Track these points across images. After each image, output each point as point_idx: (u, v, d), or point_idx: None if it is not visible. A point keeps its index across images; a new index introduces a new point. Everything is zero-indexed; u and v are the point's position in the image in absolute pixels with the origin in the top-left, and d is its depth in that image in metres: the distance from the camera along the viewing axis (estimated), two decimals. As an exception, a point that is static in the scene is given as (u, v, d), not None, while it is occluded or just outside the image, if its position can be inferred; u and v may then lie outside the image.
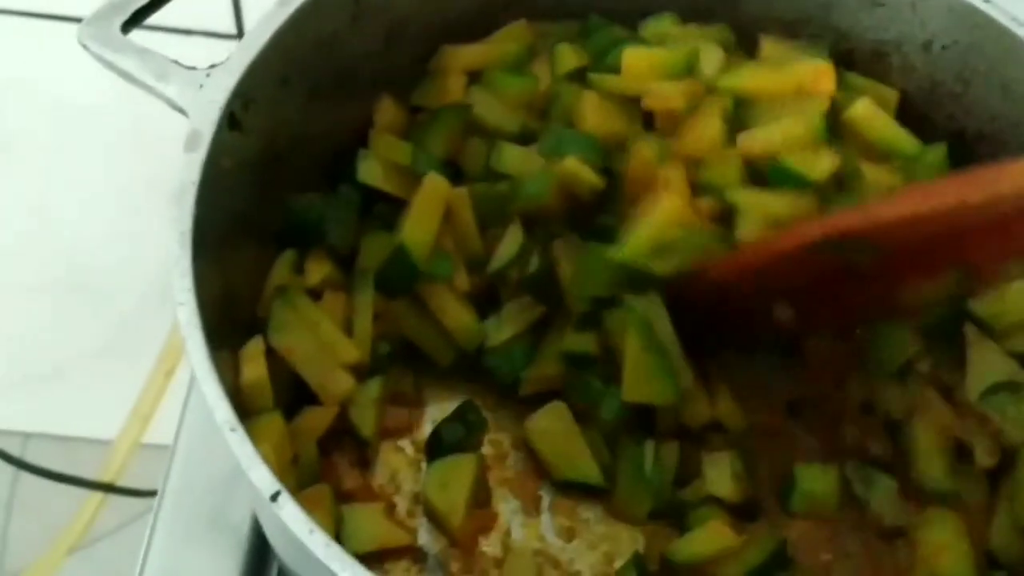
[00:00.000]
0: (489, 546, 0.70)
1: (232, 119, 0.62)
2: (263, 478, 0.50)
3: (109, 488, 1.06)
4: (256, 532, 0.74)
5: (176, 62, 0.63)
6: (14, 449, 1.21)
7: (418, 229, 0.70)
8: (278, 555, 0.71)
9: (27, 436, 1.28)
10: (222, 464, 0.76)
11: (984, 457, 0.70)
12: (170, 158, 0.60)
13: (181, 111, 0.61)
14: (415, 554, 0.70)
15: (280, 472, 0.52)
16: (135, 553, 0.74)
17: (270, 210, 0.70)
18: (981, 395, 0.69)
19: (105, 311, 1.27)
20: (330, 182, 0.75)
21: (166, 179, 0.59)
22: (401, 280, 0.71)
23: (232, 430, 0.51)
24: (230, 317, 0.62)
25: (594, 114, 0.73)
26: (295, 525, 0.49)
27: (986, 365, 0.69)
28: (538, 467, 0.73)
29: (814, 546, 0.72)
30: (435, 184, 0.71)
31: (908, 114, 0.78)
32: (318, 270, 0.71)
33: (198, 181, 0.58)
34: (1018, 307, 0.69)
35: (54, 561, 1.08)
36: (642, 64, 0.74)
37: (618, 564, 0.70)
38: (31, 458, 1.18)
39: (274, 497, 0.50)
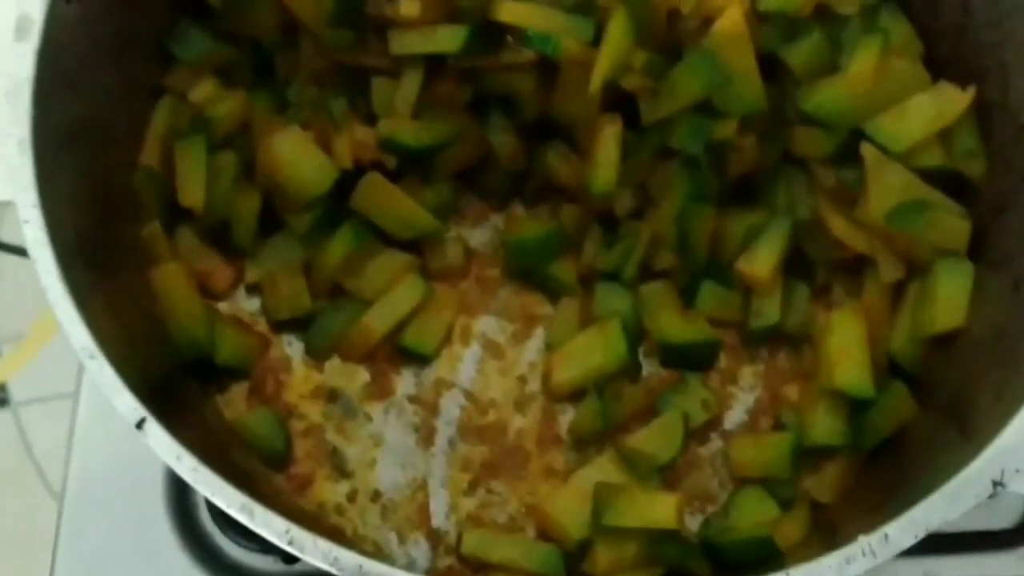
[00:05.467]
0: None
1: (65, -9, 0.57)
2: (127, 404, 0.50)
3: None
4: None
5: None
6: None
7: None
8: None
9: (4, 206, 1.28)
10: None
11: (888, 272, 0.69)
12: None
13: (7, -12, 0.56)
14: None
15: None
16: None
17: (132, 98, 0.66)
18: (886, 216, 0.66)
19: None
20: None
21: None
22: None
23: (91, 358, 0.51)
24: (95, 230, 0.59)
25: None
26: (162, 452, 0.50)
27: (888, 185, 0.65)
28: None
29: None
30: None
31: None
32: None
33: (33, 76, 0.54)
34: (919, 124, 0.65)
35: (49, 325, 1.12)
36: None
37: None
38: (7, 230, 1.19)
39: (139, 424, 0.50)
